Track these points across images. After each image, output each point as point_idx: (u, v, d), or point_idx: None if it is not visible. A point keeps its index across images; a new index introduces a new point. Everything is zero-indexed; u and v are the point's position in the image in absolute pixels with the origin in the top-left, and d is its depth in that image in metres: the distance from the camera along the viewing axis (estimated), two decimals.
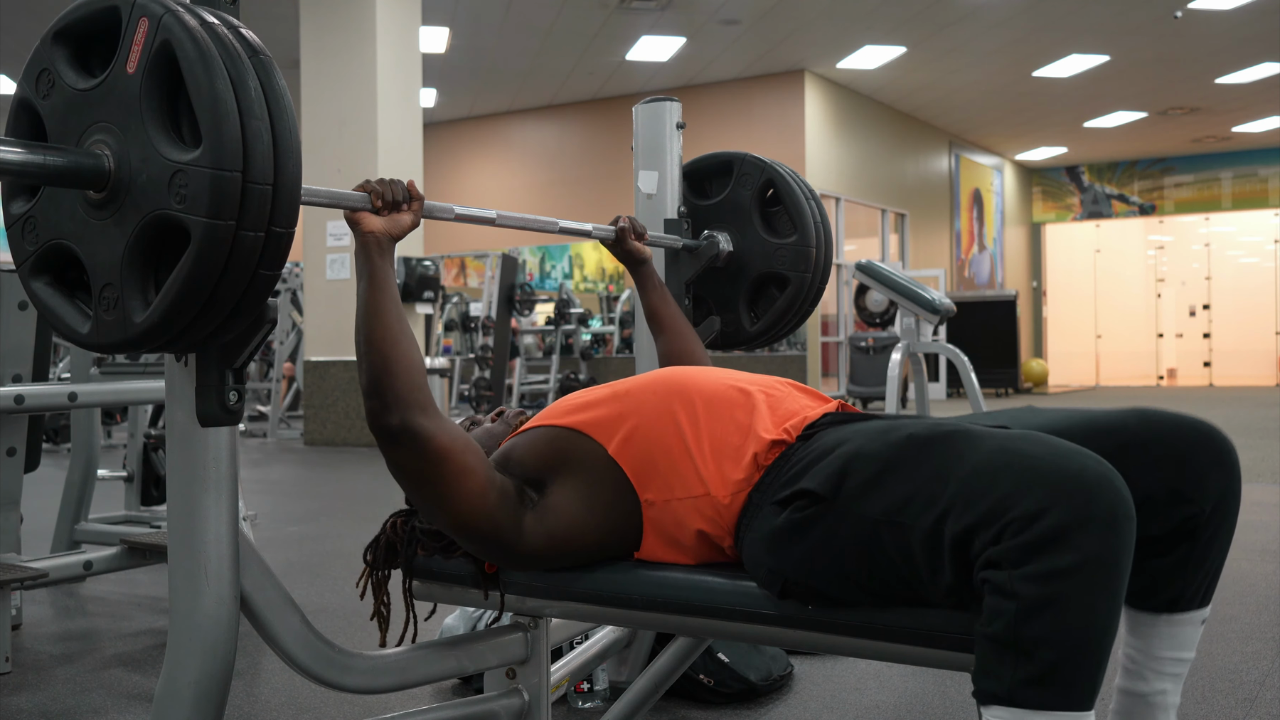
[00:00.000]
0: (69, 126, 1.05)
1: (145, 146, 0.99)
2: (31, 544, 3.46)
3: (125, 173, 1.01)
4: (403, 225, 1.28)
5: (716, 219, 2.07)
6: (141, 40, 1.00)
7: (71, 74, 1.06)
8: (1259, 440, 7.11)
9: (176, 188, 0.97)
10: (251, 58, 1.00)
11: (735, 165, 2.06)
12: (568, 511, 1.25)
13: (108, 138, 1.02)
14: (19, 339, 2.72)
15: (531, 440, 1.31)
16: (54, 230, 1.08)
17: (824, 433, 1.22)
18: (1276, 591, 3.03)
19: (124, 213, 1.01)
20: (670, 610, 1.24)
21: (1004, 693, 0.95)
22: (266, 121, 0.99)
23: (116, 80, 1.02)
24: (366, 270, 1.25)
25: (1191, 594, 1.22)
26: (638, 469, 1.25)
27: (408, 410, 1.19)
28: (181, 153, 0.98)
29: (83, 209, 1.04)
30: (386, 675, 1.32)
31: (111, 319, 1.03)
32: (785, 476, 1.17)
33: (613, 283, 13.39)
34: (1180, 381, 16.61)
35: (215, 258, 0.97)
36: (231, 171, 0.96)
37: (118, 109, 1.02)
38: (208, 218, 0.96)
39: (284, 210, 1.00)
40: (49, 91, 1.07)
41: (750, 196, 2.03)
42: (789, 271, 1.99)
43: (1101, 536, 0.93)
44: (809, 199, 2.00)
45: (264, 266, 1.01)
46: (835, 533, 1.08)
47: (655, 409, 1.26)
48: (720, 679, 2.11)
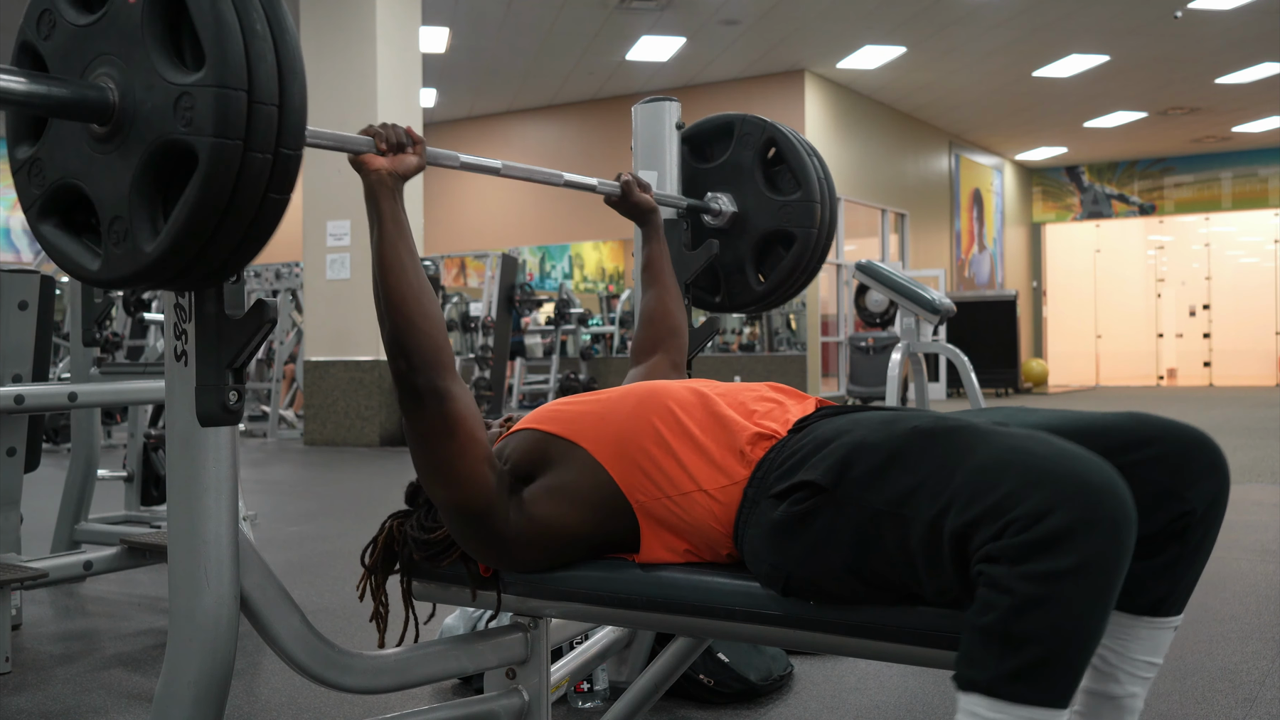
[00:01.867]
0: (71, 63, 1.04)
1: (149, 74, 0.98)
2: (31, 544, 3.46)
3: (130, 103, 0.99)
4: (408, 165, 1.30)
5: (719, 181, 2.05)
6: None
7: (72, 11, 1.05)
8: (1259, 440, 7.10)
9: (182, 110, 0.95)
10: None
11: (736, 126, 2.05)
12: (552, 503, 1.27)
13: (111, 70, 1.01)
14: (19, 339, 2.72)
15: (518, 441, 1.33)
16: (60, 169, 1.06)
17: (818, 424, 1.22)
18: (1276, 591, 3.03)
19: (130, 143, 1.00)
20: (670, 610, 1.24)
21: (985, 682, 0.96)
22: (269, 41, 0.97)
23: (117, 11, 1.01)
24: (378, 214, 1.26)
25: (1174, 599, 1.24)
26: (623, 471, 1.25)
27: (433, 370, 1.21)
28: (185, 75, 0.96)
29: (88, 145, 1.03)
30: (386, 675, 1.32)
31: (121, 251, 1.01)
32: (781, 469, 1.18)
33: (613, 283, 13.39)
34: (1180, 381, 16.61)
35: (224, 179, 0.95)
36: (236, 89, 0.94)
37: (120, 40, 1.00)
38: (214, 137, 0.94)
39: (291, 131, 0.98)
40: (50, 32, 1.06)
41: (752, 156, 2.01)
42: (794, 228, 1.97)
43: (1103, 541, 0.94)
44: (811, 155, 1.98)
45: (273, 189, 0.99)
46: (837, 524, 1.09)
47: (631, 413, 1.28)
48: (720, 679, 2.11)
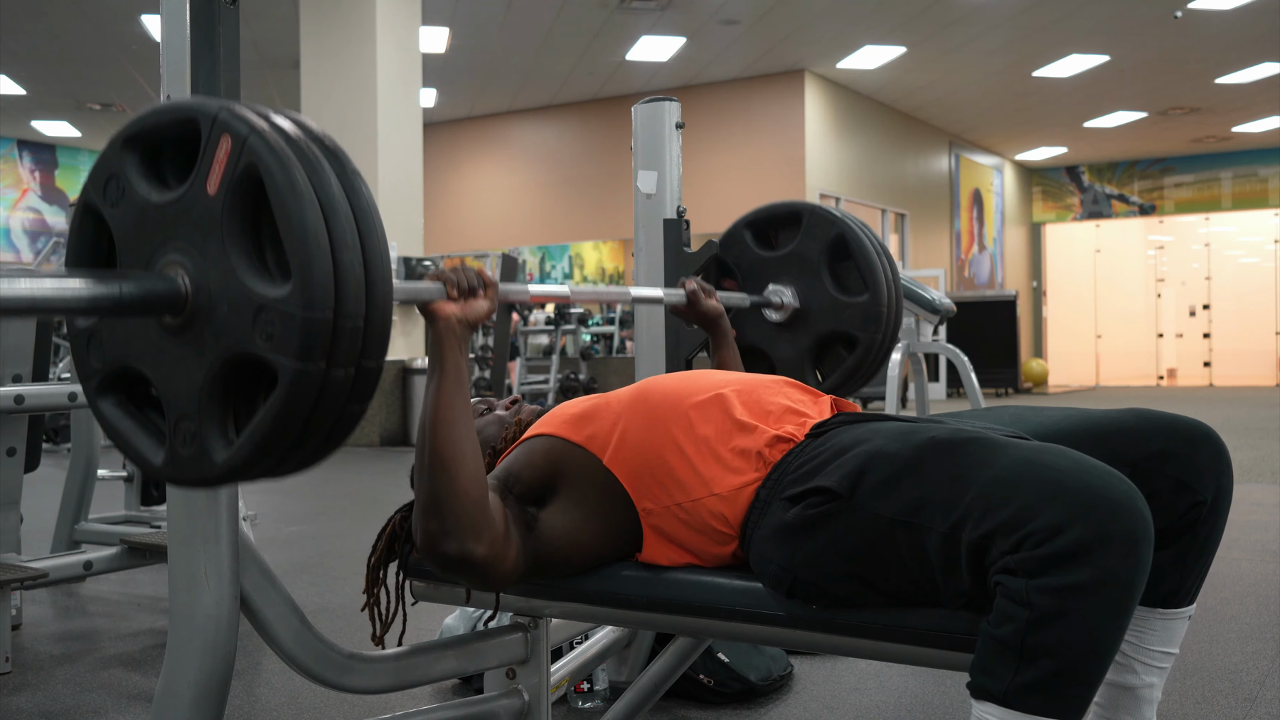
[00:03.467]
0: (140, 241, 0.97)
1: (226, 274, 0.91)
2: (31, 544, 3.46)
3: (204, 298, 0.93)
4: (479, 311, 1.24)
5: (782, 272, 1.98)
6: (224, 160, 0.92)
7: (144, 184, 0.98)
8: (1259, 440, 7.10)
9: (262, 325, 0.89)
10: (340, 175, 0.93)
11: (804, 216, 1.97)
12: (564, 527, 1.25)
13: (184, 259, 0.94)
14: (19, 339, 2.72)
15: (531, 454, 1.30)
16: (123, 349, 0.99)
17: (837, 431, 1.22)
18: (1276, 591, 3.03)
19: (203, 342, 0.93)
20: (670, 610, 1.24)
21: (1000, 693, 0.97)
22: (358, 251, 0.91)
23: (195, 199, 0.94)
24: (439, 365, 1.20)
25: (1186, 589, 1.26)
26: (633, 478, 1.25)
27: (466, 538, 1.16)
28: (268, 286, 0.90)
29: (155, 331, 0.96)
30: (386, 675, 1.32)
31: (188, 454, 0.95)
32: (796, 473, 1.18)
33: (613, 283, 13.39)
34: (1180, 381, 16.61)
35: (304, 401, 0.90)
36: (323, 313, 0.88)
37: (196, 230, 0.93)
38: (298, 361, 0.88)
39: (375, 344, 0.93)
40: (118, 200, 0.99)
41: (819, 250, 1.94)
42: (858, 331, 1.91)
43: (1121, 556, 0.94)
44: (880, 255, 1.92)
45: (353, 401, 0.94)
46: (849, 531, 1.09)
47: (647, 418, 1.27)
48: (720, 679, 2.11)
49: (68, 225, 3.42)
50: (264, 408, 0.91)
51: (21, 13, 8.89)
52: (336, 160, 0.94)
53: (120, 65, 10.39)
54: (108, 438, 1.03)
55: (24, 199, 13.92)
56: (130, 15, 8.96)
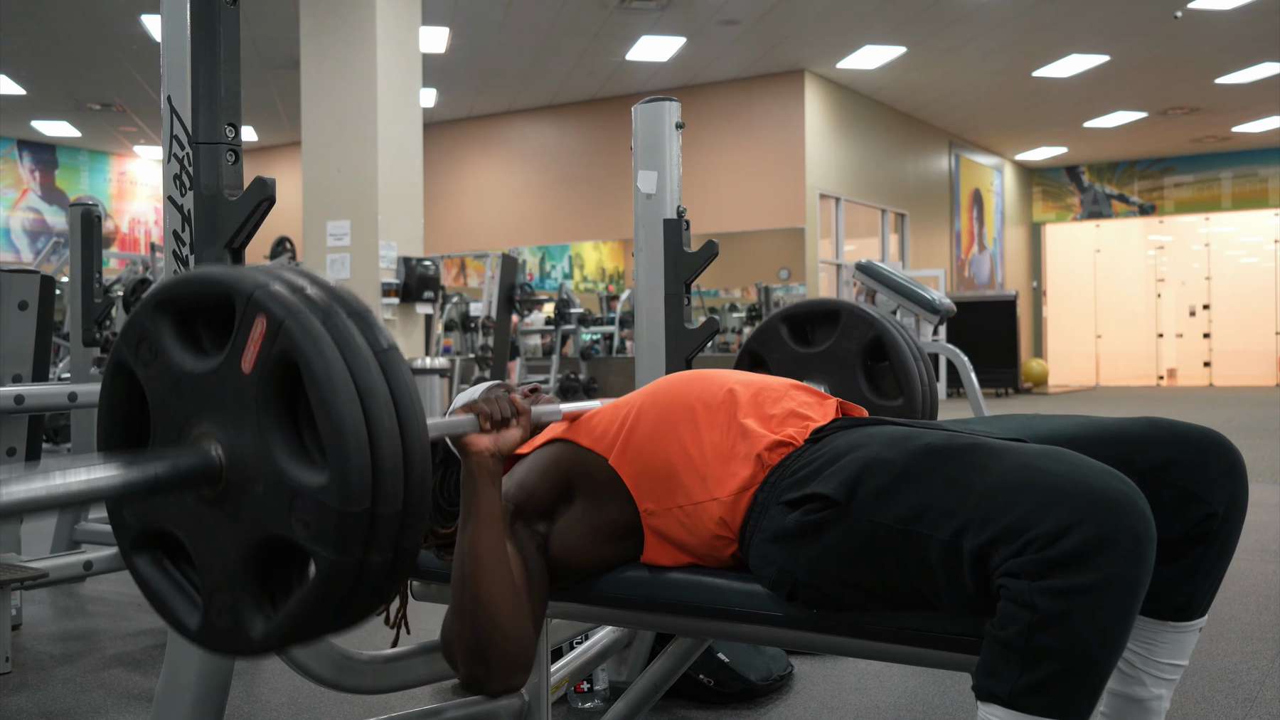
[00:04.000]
0: (173, 409, 0.97)
1: (262, 454, 0.91)
2: (31, 544, 3.46)
3: (239, 473, 0.92)
4: (511, 441, 1.23)
5: (817, 369, 1.98)
6: (259, 341, 0.91)
7: (177, 349, 0.97)
8: (1259, 440, 7.10)
9: (298, 511, 0.89)
10: (377, 352, 0.92)
11: (842, 315, 1.97)
12: (574, 537, 1.26)
13: (219, 431, 0.93)
14: (19, 339, 2.72)
15: (543, 463, 1.31)
16: (159, 513, 0.99)
17: (835, 436, 1.22)
18: (1276, 591, 3.03)
19: (239, 518, 0.93)
20: (670, 610, 1.24)
21: (1004, 694, 0.97)
22: (397, 438, 0.90)
23: (230, 375, 0.93)
24: (474, 505, 1.19)
25: (1198, 603, 1.24)
26: (637, 479, 1.25)
27: (512, 675, 1.18)
28: (305, 471, 0.89)
29: (191, 497, 0.96)
30: (386, 675, 1.32)
31: (224, 626, 0.95)
32: (794, 477, 1.17)
33: (613, 283, 13.39)
34: (1180, 381, 16.61)
35: (340, 588, 0.90)
36: (360, 505, 0.88)
37: (231, 406, 0.93)
38: (334, 553, 0.88)
39: (413, 527, 0.93)
40: (150, 361, 0.98)
41: (855, 350, 1.93)
42: None
43: (1123, 557, 0.94)
44: (917, 360, 1.91)
45: (390, 579, 0.94)
46: (848, 537, 1.09)
47: (657, 420, 1.27)
48: (720, 679, 2.10)
49: (68, 225, 3.42)
50: (301, 591, 0.91)
51: (21, 13, 8.89)
52: (371, 332, 0.93)
53: (120, 65, 10.39)
54: (142, 594, 1.03)
55: (24, 199, 13.92)
56: (130, 15, 8.95)
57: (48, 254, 9.96)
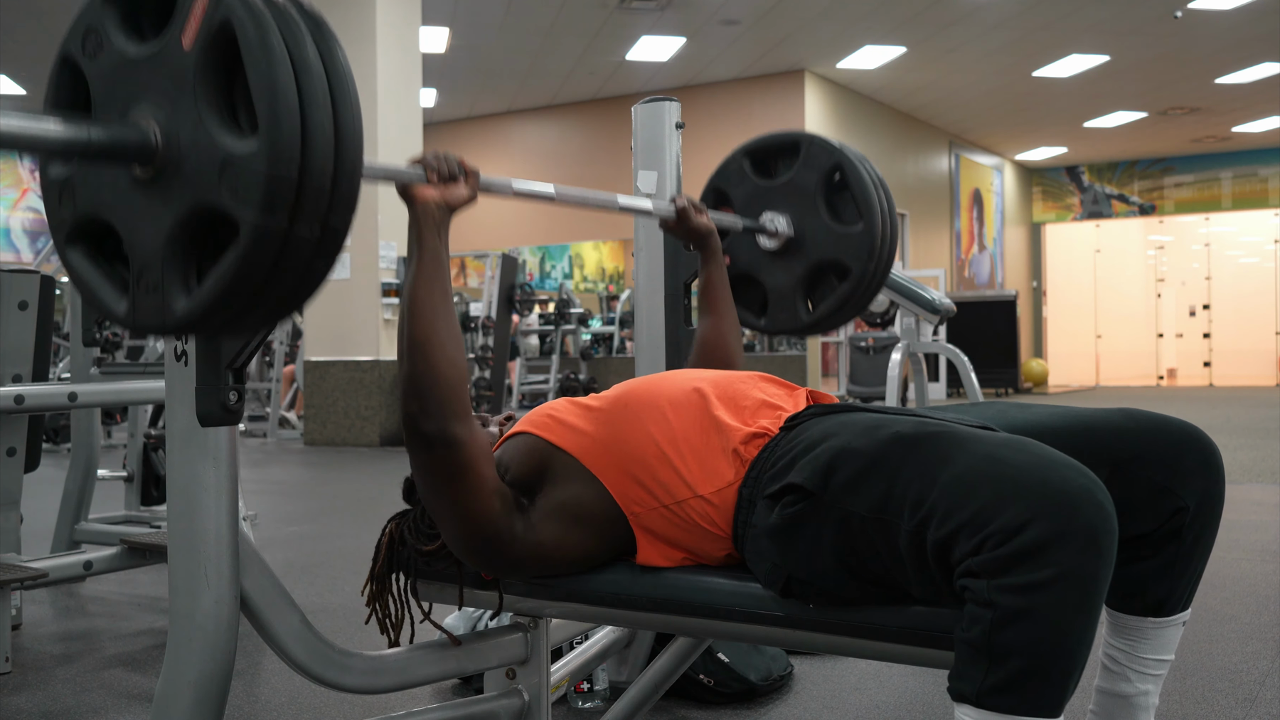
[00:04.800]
0: (115, 93, 0.99)
1: (196, 128, 0.93)
2: (31, 544, 3.46)
3: (173, 151, 0.94)
4: (459, 196, 1.25)
5: (779, 200, 1.98)
6: (200, 14, 0.92)
7: (121, 37, 0.99)
8: (1259, 440, 7.10)
9: (228, 179, 0.90)
10: (314, 33, 0.94)
11: (803, 146, 1.97)
12: (553, 524, 1.25)
13: (156, 111, 0.95)
14: (19, 339, 2.72)
15: (518, 449, 1.30)
16: (93, 200, 1.02)
17: (808, 424, 1.22)
18: (1276, 591, 3.03)
19: (169, 194, 0.95)
20: (670, 610, 1.24)
21: (973, 695, 0.98)
22: (329, 110, 0.92)
23: (170, 53, 0.95)
24: (417, 249, 1.21)
25: (1177, 597, 1.24)
26: (617, 482, 1.24)
27: (446, 419, 1.17)
28: (235, 141, 0.91)
29: (125, 182, 0.98)
30: (386, 675, 1.32)
31: (149, 303, 0.98)
32: (773, 469, 1.18)
33: (613, 283, 13.39)
34: (1180, 381, 16.61)
35: (264, 256, 0.91)
36: (287, 171, 0.89)
37: (169, 83, 0.94)
38: (258, 215, 0.89)
39: (342, 204, 0.94)
40: (95, 52, 1.00)
41: (816, 180, 1.94)
42: (851, 260, 1.90)
43: (1081, 551, 0.94)
44: (878, 186, 1.92)
45: (319, 257, 0.95)
46: (827, 528, 1.09)
47: (626, 423, 1.26)
48: (720, 679, 2.11)
49: None
50: (225, 260, 0.92)
51: (21, 13, 8.89)
52: (315, 24, 0.95)
53: None
54: (74, 286, 1.06)
55: (24, 199, 13.93)
56: None
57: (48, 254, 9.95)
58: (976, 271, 15.83)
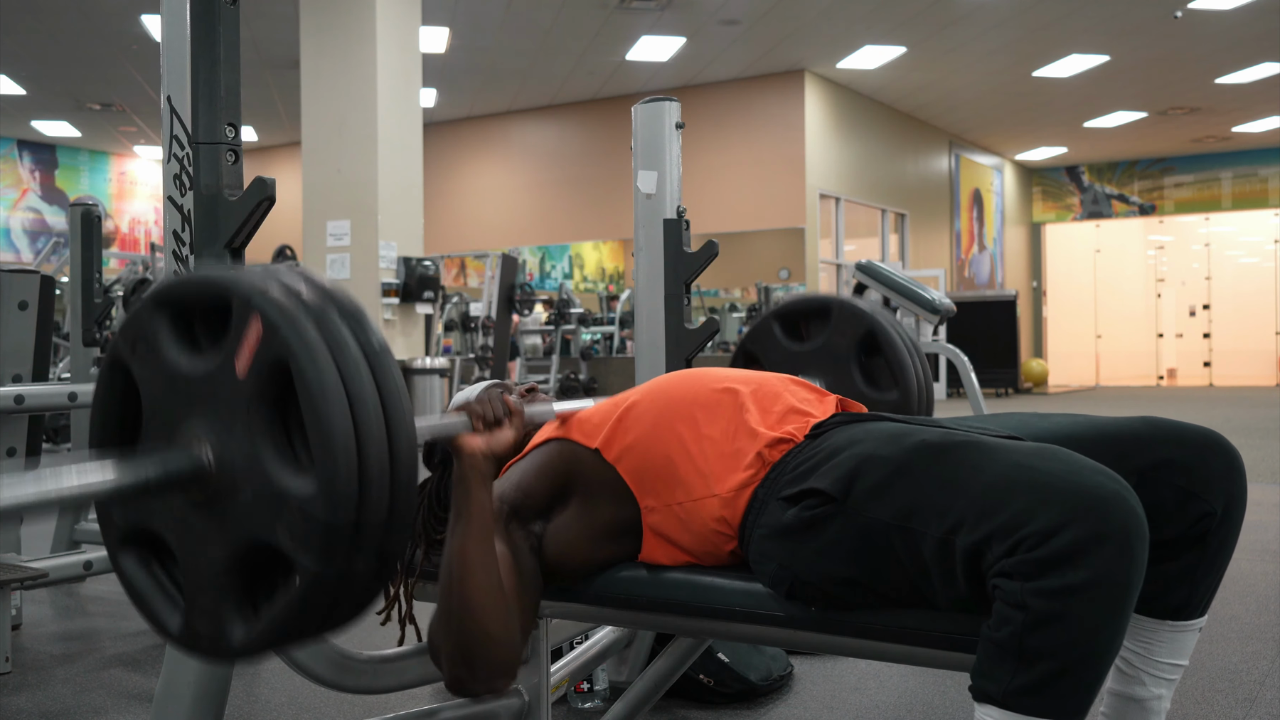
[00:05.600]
0: (166, 408, 0.98)
1: (251, 459, 0.92)
2: (31, 544, 3.46)
3: (227, 477, 0.93)
4: (504, 442, 1.23)
5: (812, 365, 1.96)
6: (254, 344, 0.91)
7: (173, 349, 0.98)
8: (1259, 440, 7.10)
9: (285, 520, 0.89)
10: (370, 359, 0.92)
11: (834, 310, 1.95)
12: (566, 537, 1.26)
13: (210, 433, 0.94)
14: (19, 339, 2.72)
15: (540, 462, 1.30)
16: (145, 513, 1.00)
17: (834, 431, 1.22)
18: (1276, 591, 3.03)
19: (225, 522, 0.93)
20: (670, 610, 1.24)
21: (999, 695, 0.97)
22: (385, 445, 0.90)
23: (223, 377, 0.93)
24: (466, 508, 1.18)
25: (1196, 602, 1.24)
26: (638, 477, 1.25)
27: (495, 679, 1.17)
28: (292, 478, 0.90)
29: (179, 500, 0.96)
30: (386, 675, 1.32)
31: (205, 630, 0.96)
32: (793, 473, 1.18)
33: (613, 283, 13.39)
34: (1180, 381, 16.61)
35: (322, 598, 0.91)
36: (345, 517, 0.88)
37: (223, 408, 0.93)
38: (318, 563, 0.88)
39: (396, 536, 0.93)
40: (147, 359, 0.99)
41: (848, 345, 1.91)
42: None
43: (1115, 556, 0.94)
44: (911, 352, 1.90)
45: (372, 586, 0.95)
46: (845, 534, 1.09)
47: (655, 419, 1.26)
48: (720, 679, 2.11)
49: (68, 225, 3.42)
50: (283, 599, 0.91)
51: (21, 13, 8.89)
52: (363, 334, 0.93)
53: (120, 65, 10.39)
54: (126, 592, 1.03)
55: (24, 199, 13.93)
56: (130, 15, 8.95)
57: (48, 254, 9.97)
58: (976, 271, 15.83)
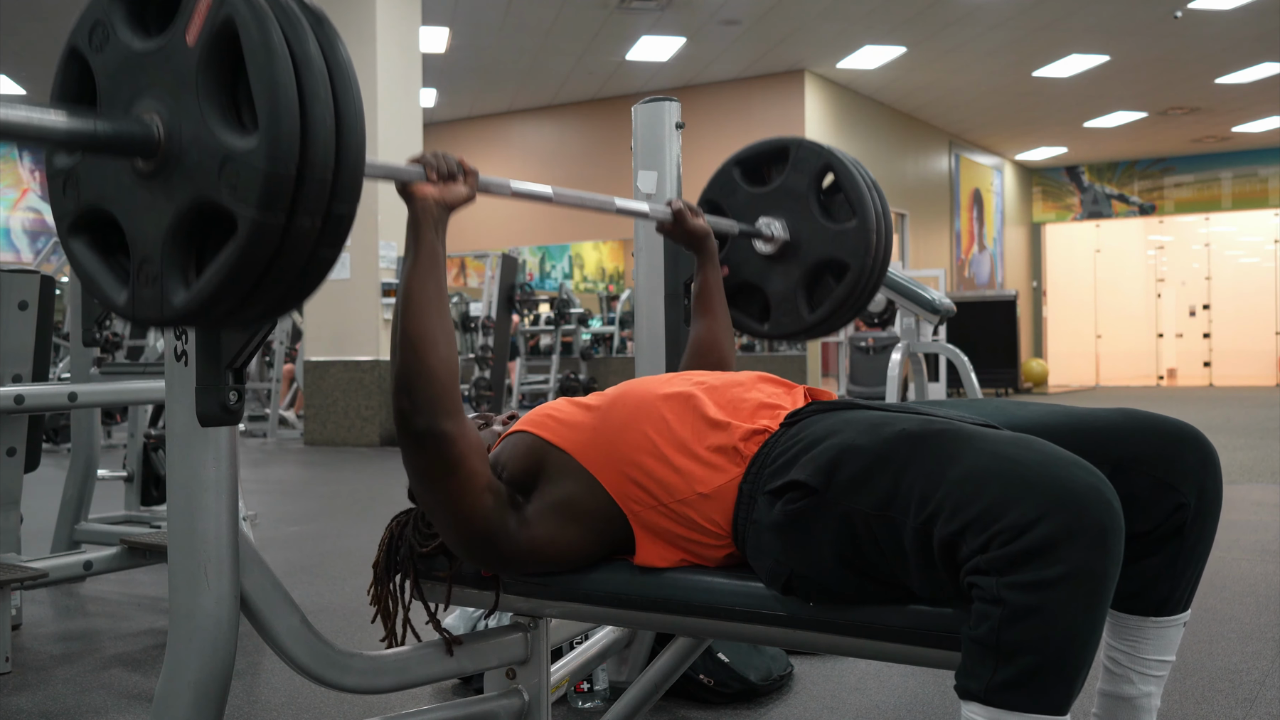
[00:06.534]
0: (120, 87, 1.00)
1: (198, 124, 0.94)
2: (31, 544, 3.46)
3: (175, 146, 0.95)
4: (458, 195, 1.26)
5: (772, 206, 1.99)
6: (204, 11, 0.94)
7: (127, 31, 1.00)
8: (1259, 440, 7.10)
9: (227, 175, 0.91)
10: (316, 28, 0.95)
11: (791, 150, 1.99)
12: (553, 521, 1.25)
13: (160, 105, 0.96)
14: (19, 339, 2.72)
15: (515, 447, 1.31)
16: (96, 192, 1.03)
17: (810, 420, 1.21)
18: (1276, 591, 3.03)
19: (170, 188, 0.96)
20: (670, 610, 1.24)
21: (981, 692, 0.97)
22: (330, 104, 0.93)
23: (174, 48, 0.96)
24: (415, 246, 1.22)
25: (1178, 597, 1.25)
26: (615, 482, 1.24)
27: (436, 415, 1.18)
28: (236, 137, 0.92)
29: (128, 174, 0.99)
30: (386, 675, 1.32)
31: (149, 295, 0.99)
32: (774, 465, 1.17)
33: (613, 283, 13.39)
34: (1180, 381, 16.61)
35: (262, 250, 0.92)
36: (285, 168, 0.90)
37: (173, 79, 0.96)
38: (257, 211, 0.90)
39: (345, 192, 0.95)
40: (102, 45, 1.02)
41: (807, 182, 1.95)
42: (848, 257, 1.91)
43: (1090, 549, 0.94)
44: (870, 186, 1.93)
45: (323, 246, 0.96)
46: (829, 525, 1.09)
47: (622, 423, 1.26)
48: (720, 679, 2.11)
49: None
50: (223, 253, 0.93)
51: (21, 13, 8.89)
52: (316, 19, 0.96)
53: None
54: (76, 276, 1.06)
55: (24, 199, 13.92)
56: None
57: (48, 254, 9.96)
58: (976, 271, 15.83)
